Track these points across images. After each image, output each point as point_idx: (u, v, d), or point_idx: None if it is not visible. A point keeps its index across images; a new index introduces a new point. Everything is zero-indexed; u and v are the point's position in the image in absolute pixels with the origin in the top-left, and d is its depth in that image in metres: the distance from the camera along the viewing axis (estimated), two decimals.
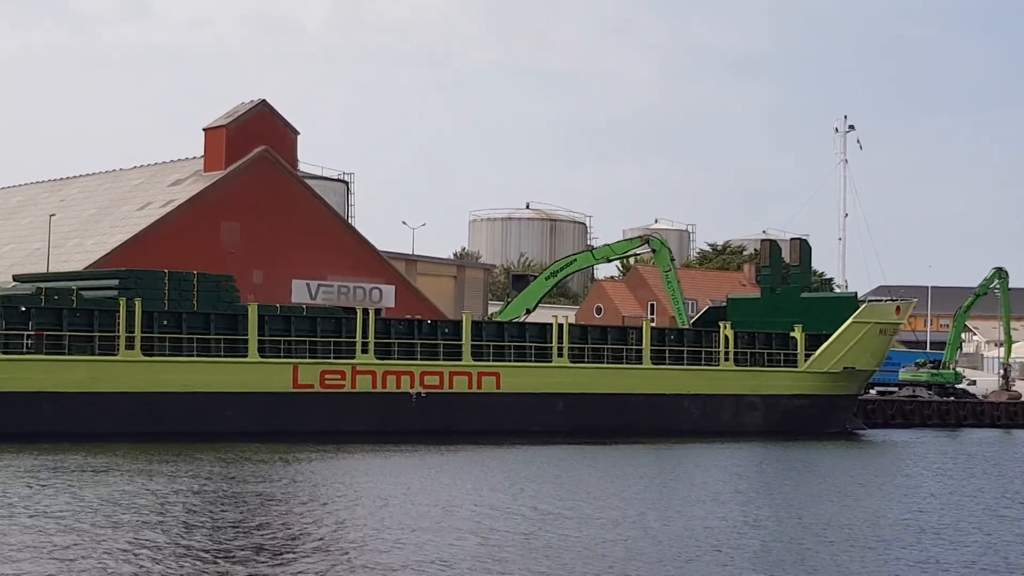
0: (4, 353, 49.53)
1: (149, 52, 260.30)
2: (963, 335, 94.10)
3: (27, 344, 50.09)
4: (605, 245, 78.55)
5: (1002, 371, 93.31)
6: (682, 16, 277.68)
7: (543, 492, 35.73)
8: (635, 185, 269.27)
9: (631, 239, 79.44)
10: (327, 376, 55.76)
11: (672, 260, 73.54)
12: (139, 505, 30.48)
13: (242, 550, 24.92)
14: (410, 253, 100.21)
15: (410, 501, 32.63)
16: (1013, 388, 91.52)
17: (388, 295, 79.89)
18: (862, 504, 35.21)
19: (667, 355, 64.91)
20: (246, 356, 54.14)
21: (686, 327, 69.47)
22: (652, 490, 37.51)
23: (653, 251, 74.24)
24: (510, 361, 60.36)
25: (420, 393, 57.59)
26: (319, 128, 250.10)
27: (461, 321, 60.40)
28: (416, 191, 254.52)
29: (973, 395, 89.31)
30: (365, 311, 57.74)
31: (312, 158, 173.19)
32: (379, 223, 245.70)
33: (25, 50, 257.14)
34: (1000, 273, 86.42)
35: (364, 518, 29.51)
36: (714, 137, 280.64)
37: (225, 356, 53.80)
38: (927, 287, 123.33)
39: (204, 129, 77.12)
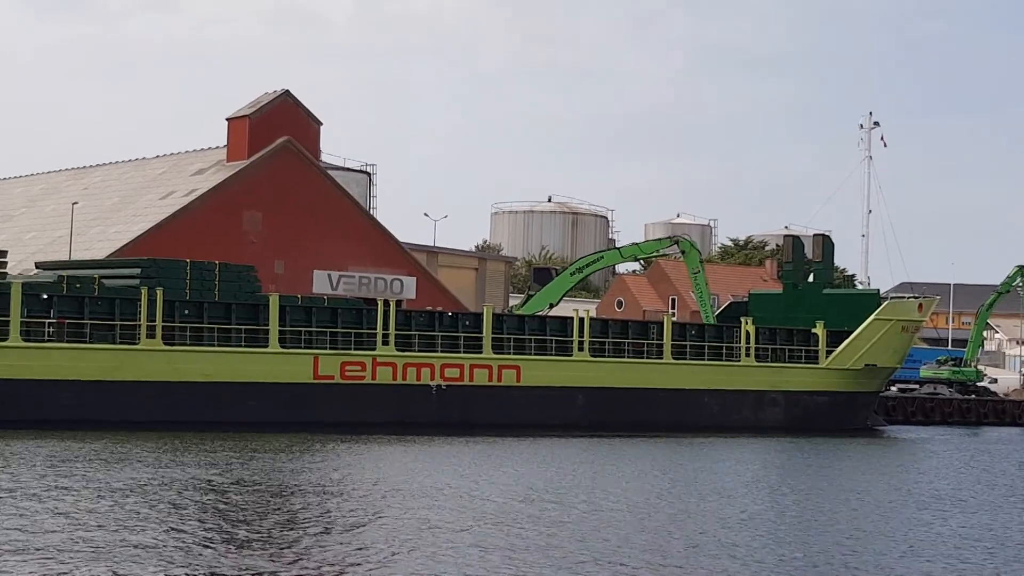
0: (26, 340, 49.69)
1: (173, 46, 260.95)
2: (985, 333, 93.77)
3: (49, 332, 50.24)
4: (633, 244, 78.07)
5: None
6: (703, 12, 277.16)
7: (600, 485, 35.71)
8: (657, 180, 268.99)
9: (660, 239, 79.39)
10: (347, 367, 55.77)
11: (701, 262, 73.31)
12: (161, 494, 30.52)
13: (262, 539, 24.93)
14: (431, 245, 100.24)
15: (465, 492, 32.62)
16: None
17: (409, 287, 79.92)
18: (874, 498, 35.09)
19: (688, 350, 64.79)
20: (267, 346, 54.20)
21: (708, 323, 69.37)
22: (684, 484, 37.43)
23: (683, 252, 74.02)
24: (530, 355, 60.32)
25: (440, 385, 57.58)
26: (342, 119, 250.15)
27: (482, 314, 60.35)
28: (438, 183, 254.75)
29: (994, 393, 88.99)
30: (386, 303, 57.74)
31: (335, 149, 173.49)
32: (401, 215, 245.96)
33: (50, 43, 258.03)
34: (1023, 271, 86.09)
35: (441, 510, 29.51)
36: (735, 132, 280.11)
37: (246, 346, 53.84)
38: (949, 284, 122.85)
39: (227, 119, 77.23)
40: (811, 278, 72.89)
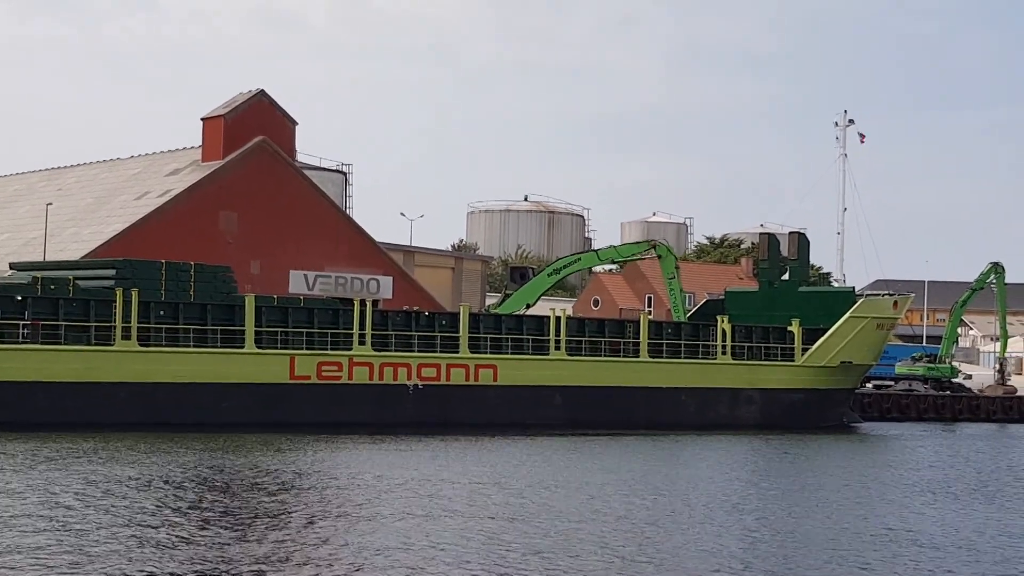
0: (0, 342, 49.44)
1: (151, 45, 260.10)
2: (959, 329, 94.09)
3: (23, 333, 50.00)
4: (611, 247, 78.63)
5: (998, 366, 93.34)
6: (687, 11, 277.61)
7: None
8: (634, 178, 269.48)
9: (638, 243, 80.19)
10: (324, 368, 55.66)
11: (677, 268, 73.46)
12: (135, 493, 30.46)
13: (230, 536, 24.90)
14: (408, 244, 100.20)
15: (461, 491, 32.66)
16: (1009, 383, 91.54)
17: (385, 286, 79.82)
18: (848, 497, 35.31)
19: (664, 348, 64.87)
20: (243, 347, 54.05)
21: (683, 321, 69.50)
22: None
23: (659, 257, 74.23)
24: (507, 354, 60.32)
25: (417, 385, 57.53)
26: (318, 119, 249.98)
27: (458, 313, 60.32)
28: (414, 182, 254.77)
29: (969, 389, 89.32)
30: (362, 302, 57.64)
31: (310, 149, 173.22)
32: (377, 214, 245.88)
33: (27, 41, 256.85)
34: (996, 268, 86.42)
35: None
36: (716, 131, 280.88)
37: (222, 347, 53.69)
38: (924, 281, 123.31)
39: (202, 119, 76.97)
40: (787, 276, 73.07)
